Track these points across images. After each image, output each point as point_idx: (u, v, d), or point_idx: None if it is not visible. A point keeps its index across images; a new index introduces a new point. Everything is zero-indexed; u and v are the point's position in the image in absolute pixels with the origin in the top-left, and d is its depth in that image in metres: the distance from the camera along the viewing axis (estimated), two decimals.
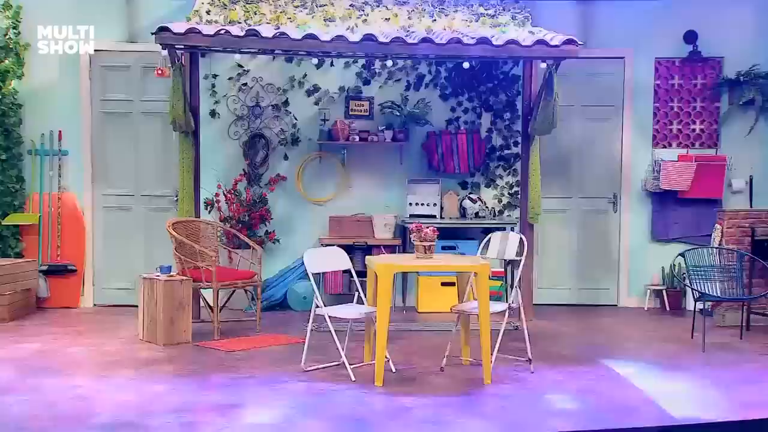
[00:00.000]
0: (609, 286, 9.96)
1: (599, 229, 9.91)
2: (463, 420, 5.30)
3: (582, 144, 9.86)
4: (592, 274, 9.91)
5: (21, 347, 7.34)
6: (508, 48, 7.57)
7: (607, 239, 9.91)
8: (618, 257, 9.91)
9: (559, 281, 9.90)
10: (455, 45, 7.52)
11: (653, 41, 9.81)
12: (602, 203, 9.91)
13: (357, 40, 7.53)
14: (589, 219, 9.91)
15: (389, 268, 6.12)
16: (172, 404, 5.55)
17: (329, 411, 5.46)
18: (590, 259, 9.91)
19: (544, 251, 9.87)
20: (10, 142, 9.38)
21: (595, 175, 9.89)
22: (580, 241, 9.91)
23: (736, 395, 5.97)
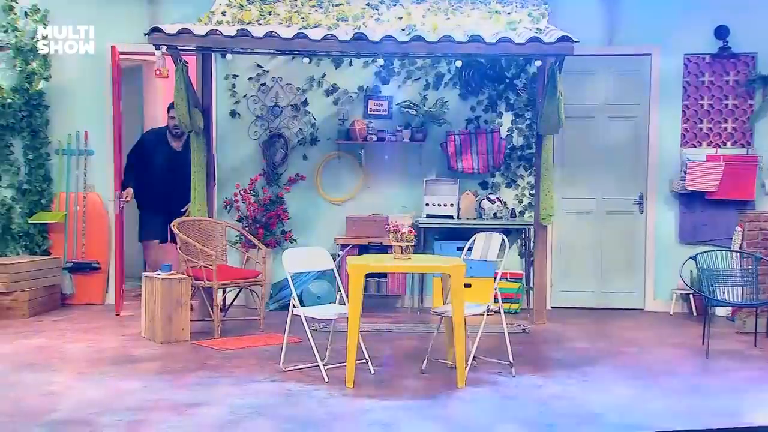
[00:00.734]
0: (635, 289, 9.67)
1: (624, 230, 9.64)
2: (415, 423, 5.23)
3: (606, 143, 9.59)
4: (617, 277, 9.64)
5: (25, 342, 7.53)
6: (501, 46, 7.42)
7: (632, 241, 9.63)
8: (644, 260, 9.61)
9: (582, 284, 9.66)
10: (447, 43, 7.41)
11: (682, 37, 9.48)
12: (628, 204, 9.63)
13: (348, 39, 7.46)
14: (613, 220, 9.64)
15: (360, 268, 6.06)
16: (133, 402, 5.61)
17: (284, 411, 5.43)
18: (615, 262, 9.64)
19: (566, 253, 9.65)
20: (37, 143, 9.63)
21: (620, 176, 9.62)
22: (605, 243, 9.65)
23: (702, 403, 5.73)
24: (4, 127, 9.49)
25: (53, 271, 9.36)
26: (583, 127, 9.56)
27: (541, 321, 8.67)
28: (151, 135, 9.30)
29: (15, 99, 9.53)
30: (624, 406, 5.68)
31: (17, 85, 9.57)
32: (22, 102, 9.56)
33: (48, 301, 9.26)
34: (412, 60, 9.50)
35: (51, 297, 9.34)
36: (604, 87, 9.55)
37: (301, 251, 6.86)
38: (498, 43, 7.38)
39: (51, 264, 9.34)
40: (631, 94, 9.55)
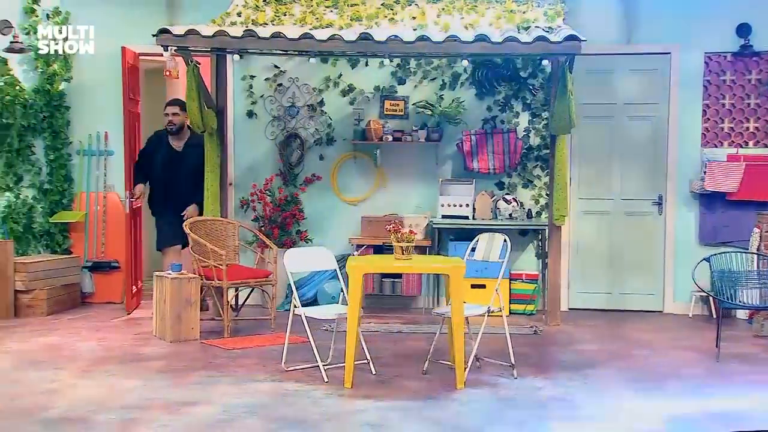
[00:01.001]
0: (654, 291, 9.55)
1: (643, 231, 9.51)
2: (406, 424, 5.21)
3: (625, 143, 9.48)
4: (635, 278, 9.52)
5: (37, 340, 7.62)
6: (507, 45, 7.36)
7: (651, 243, 9.50)
8: (663, 262, 9.48)
9: (600, 286, 9.55)
10: (452, 43, 7.37)
11: (702, 35, 9.35)
12: (646, 205, 9.51)
13: (353, 39, 7.45)
14: (632, 221, 9.52)
15: (358, 269, 6.05)
16: (130, 400, 5.65)
17: (277, 411, 5.43)
18: (634, 264, 9.52)
19: (584, 254, 9.56)
20: (58, 143, 9.75)
21: (639, 176, 9.50)
22: (623, 244, 9.54)
23: (700, 407, 5.63)
24: (25, 128, 9.62)
25: (72, 270, 9.48)
26: (601, 126, 9.46)
27: (555, 322, 8.60)
28: (154, 136, 9.23)
29: (37, 100, 9.66)
30: (621, 408, 5.61)
31: (39, 86, 9.69)
32: (44, 103, 9.69)
33: (67, 299, 9.37)
34: (428, 60, 9.47)
35: (70, 295, 9.45)
36: (623, 86, 9.43)
37: (303, 251, 6.88)
38: (504, 43, 7.33)
39: (70, 263, 9.46)
40: (651, 93, 9.42)
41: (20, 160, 9.62)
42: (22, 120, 9.58)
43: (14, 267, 8.89)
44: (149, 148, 9.15)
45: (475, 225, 9.16)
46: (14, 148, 9.58)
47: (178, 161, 8.92)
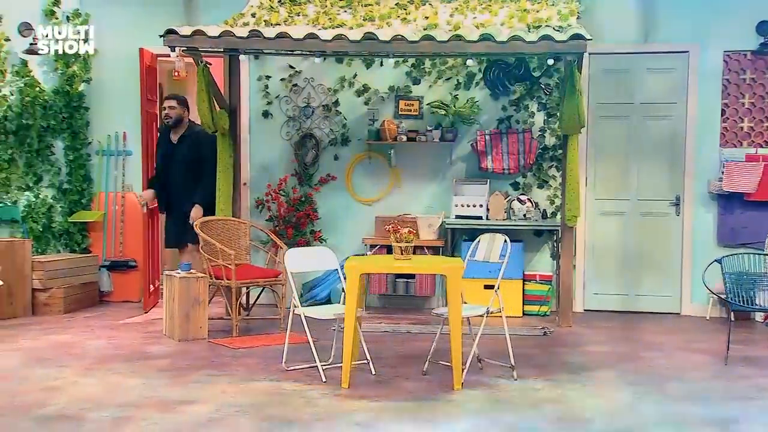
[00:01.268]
0: (671, 293, 9.43)
1: (661, 232, 9.39)
2: (394, 425, 5.19)
3: (642, 143, 9.37)
4: (652, 280, 9.40)
5: (49, 338, 7.73)
6: (511, 45, 7.30)
7: (669, 244, 9.38)
8: (681, 263, 9.35)
9: (617, 287, 9.45)
10: (457, 42, 7.33)
11: (722, 34, 9.21)
12: (663, 205, 9.39)
13: (358, 39, 7.44)
14: (649, 222, 9.41)
15: (355, 269, 6.04)
16: (126, 399, 5.70)
17: (269, 411, 5.45)
18: (651, 265, 9.41)
19: (600, 255, 9.47)
20: (77, 143, 9.88)
21: (656, 176, 9.38)
22: (640, 245, 9.42)
23: (697, 411, 5.54)
24: (45, 129, 9.76)
25: (90, 268, 9.59)
26: (618, 126, 9.37)
27: (567, 324, 8.53)
28: (161, 132, 9.14)
29: (56, 101, 9.78)
30: (616, 411, 5.55)
31: (58, 87, 9.81)
32: (63, 104, 9.82)
33: (85, 298, 9.48)
34: (443, 60, 9.44)
35: (88, 294, 9.57)
36: (641, 86, 9.32)
37: (304, 251, 6.89)
38: (509, 42, 7.27)
39: (88, 262, 9.57)
40: (669, 92, 9.30)
41: (40, 160, 9.76)
42: (42, 121, 9.71)
43: (32, 266, 8.99)
44: (158, 145, 9.13)
45: (488, 225, 9.10)
46: (34, 149, 9.70)
47: (173, 153, 8.79)
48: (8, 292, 8.75)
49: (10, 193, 9.50)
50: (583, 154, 9.41)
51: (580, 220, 9.40)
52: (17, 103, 9.50)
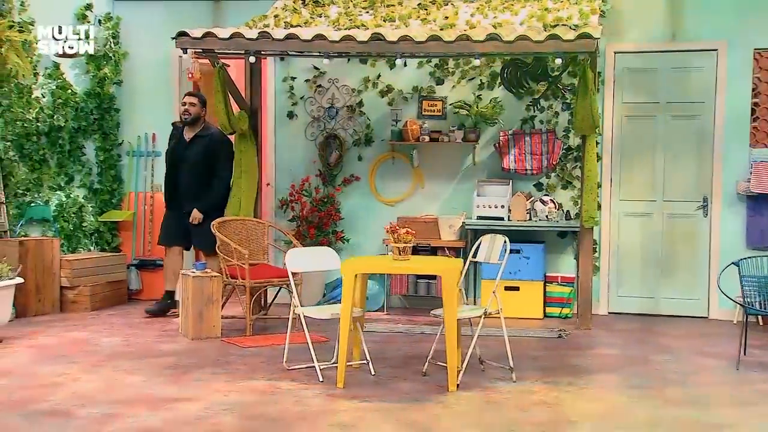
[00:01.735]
0: (699, 296, 9.25)
1: (688, 234, 9.20)
2: (376, 425, 5.20)
3: (669, 143, 9.20)
4: (679, 283, 9.22)
5: (67, 335, 7.90)
6: (519, 44, 7.23)
7: (696, 246, 9.19)
8: (708, 266, 9.16)
9: (642, 290, 9.28)
10: (464, 42, 7.29)
11: (751, 31, 9.00)
12: (691, 207, 9.20)
13: (365, 40, 7.45)
14: (676, 224, 9.23)
15: (351, 269, 6.06)
16: (122, 395, 5.80)
17: (257, 410, 5.49)
18: (677, 267, 9.23)
19: (625, 257, 9.33)
20: (107, 144, 10.08)
21: (682, 177, 9.20)
22: (666, 247, 9.25)
23: (690, 416, 5.43)
24: (76, 130, 9.95)
25: (118, 267, 9.77)
26: (644, 126, 9.22)
27: (586, 326, 8.43)
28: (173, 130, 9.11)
29: (88, 103, 9.98)
30: (606, 414, 5.47)
31: (90, 89, 10.01)
32: (95, 105, 10.02)
33: (113, 296, 9.67)
34: (466, 60, 9.40)
35: (116, 292, 9.75)
36: (668, 85, 9.15)
37: (305, 251, 6.92)
38: (515, 42, 7.21)
39: (116, 260, 9.75)
40: (696, 91, 9.11)
41: (71, 160, 9.95)
42: (74, 122, 9.90)
43: (60, 264, 9.20)
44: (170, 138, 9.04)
45: (508, 226, 9.04)
46: (66, 150, 9.90)
47: (185, 152, 8.78)
48: (36, 290, 8.96)
49: (41, 192, 9.71)
50: (608, 155, 9.30)
51: (604, 222, 9.32)
52: (49, 105, 9.70)
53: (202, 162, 8.78)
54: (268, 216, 9.87)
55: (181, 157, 8.85)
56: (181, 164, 8.83)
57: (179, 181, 8.82)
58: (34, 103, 9.66)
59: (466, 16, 8.53)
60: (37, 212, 9.70)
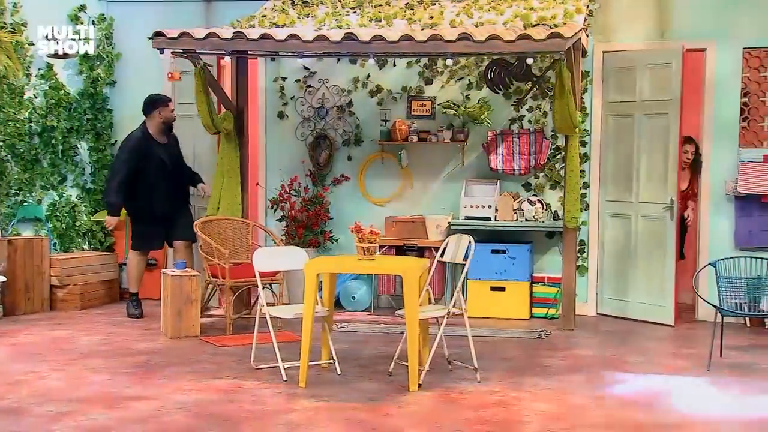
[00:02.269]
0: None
1: (660, 236, 9.05)
2: (324, 424, 5.24)
3: (656, 143, 9.08)
4: (666, 285, 9.10)
5: (48, 333, 7.99)
6: (490, 44, 7.19)
7: (666, 248, 9.01)
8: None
9: (630, 291, 9.15)
10: (436, 42, 7.27)
11: (741, 30, 8.90)
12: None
13: (338, 40, 7.46)
14: (665, 224, 9.08)
15: (313, 268, 6.08)
16: (81, 394, 5.86)
17: (211, 408, 5.52)
18: (666, 268, 9.11)
19: (613, 258, 9.24)
20: (101, 145, 10.17)
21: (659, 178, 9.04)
22: (656, 248, 9.09)
23: (639, 417, 5.39)
24: (69, 130, 10.04)
25: (109, 266, 9.84)
26: (632, 125, 9.11)
27: (569, 327, 8.39)
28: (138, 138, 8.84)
29: (81, 103, 10.08)
30: (559, 415, 5.44)
31: (83, 89, 10.11)
32: (88, 106, 10.10)
33: (104, 294, 9.75)
34: (455, 59, 9.38)
35: (108, 291, 9.83)
36: (656, 83, 9.02)
37: (273, 250, 6.95)
38: (487, 41, 7.18)
39: (107, 260, 9.83)
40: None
41: (64, 160, 10.04)
42: (67, 122, 9.99)
43: (50, 262, 9.29)
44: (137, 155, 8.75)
45: (493, 226, 9.03)
46: (59, 150, 10.00)
47: (171, 156, 8.88)
48: (26, 289, 9.06)
49: (34, 192, 9.82)
50: (597, 155, 9.24)
51: (592, 222, 9.25)
52: (42, 106, 9.81)
53: (177, 161, 9.03)
54: (259, 216, 9.91)
55: (170, 162, 8.95)
56: (171, 169, 8.94)
57: (169, 187, 8.89)
58: (27, 104, 9.77)
59: (452, 16, 8.51)
60: (29, 211, 9.82)
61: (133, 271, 8.94)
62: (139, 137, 8.78)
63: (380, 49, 7.49)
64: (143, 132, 8.86)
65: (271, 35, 7.65)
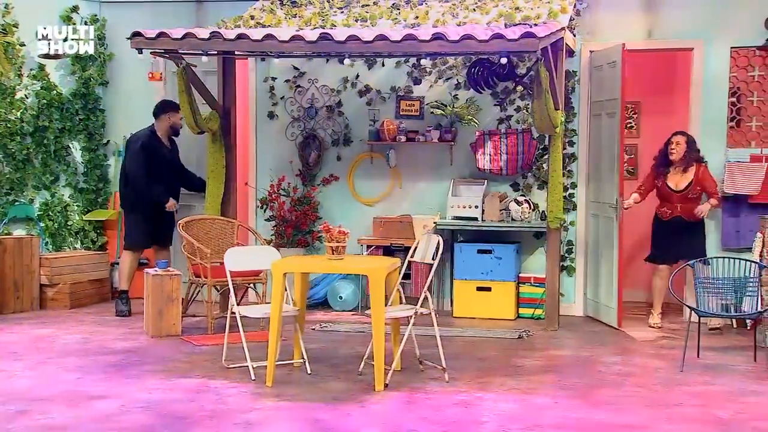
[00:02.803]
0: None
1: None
2: (280, 424, 5.28)
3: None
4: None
5: (31, 332, 8.06)
6: (463, 43, 7.16)
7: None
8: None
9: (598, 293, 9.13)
10: (410, 42, 7.25)
11: (729, 29, 8.84)
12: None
13: (314, 40, 7.46)
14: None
15: (279, 268, 6.10)
16: (47, 392, 5.89)
17: (173, 407, 5.55)
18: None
19: (600, 259, 9.19)
20: (93, 144, 10.24)
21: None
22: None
23: (597, 418, 5.35)
24: (61, 130, 10.12)
25: (100, 265, 9.90)
26: (615, 124, 9.04)
27: (552, 327, 8.37)
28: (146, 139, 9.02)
29: (73, 103, 10.15)
30: (518, 416, 5.41)
31: (75, 90, 10.17)
32: (80, 106, 10.17)
33: (95, 294, 9.81)
34: (443, 59, 9.38)
35: (99, 290, 9.89)
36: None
37: (244, 249, 6.98)
38: (460, 41, 7.15)
39: (98, 259, 9.90)
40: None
41: (56, 160, 10.12)
42: (59, 123, 10.06)
43: (39, 262, 9.37)
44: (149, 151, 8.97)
45: (480, 227, 9.02)
46: (51, 149, 10.07)
47: (173, 158, 9.22)
48: (15, 287, 9.14)
49: (25, 192, 9.91)
50: (584, 155, 9.21)
51: (580, 222, 9.22)
52: (34, 106, 9.89)
53: (174, 167, 9.27)
54: (250, 216, 9.96)
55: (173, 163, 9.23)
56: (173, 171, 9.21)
57: (169, 186, 9.07)
58: (18, 105, 9.85)
59: (438, 16, 8.51)
60: (20, 211, 9.91)
61: (125, 269, 9.05)
62: (148, 135, 9.04)
63: (355, 49, 7.48)
64: (151, 131, 9.10)
65: (247, 35, 7.66)
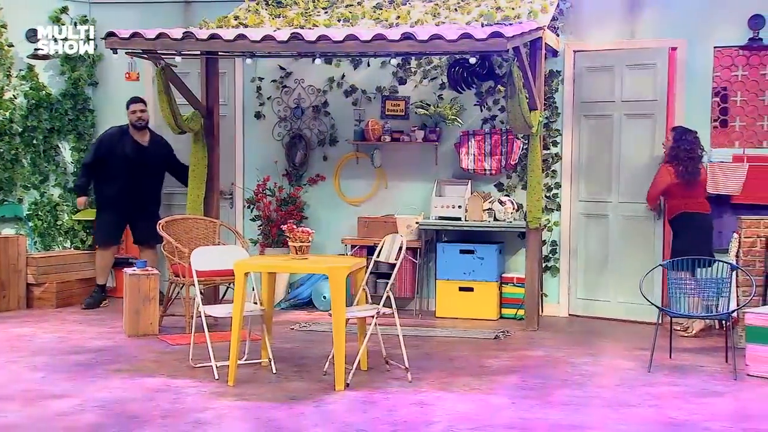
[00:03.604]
0: (657, 300, 9.01)
1: (645, 236, 8.94)
2: (231, 423, 5.28)
3: (627, 143, 8.99)
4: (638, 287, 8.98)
5: (11, 331, 8.12)
6: (433, 43, 7.16)
7: (654, 248, 8.91)
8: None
9: (601, 293, 9.08)
10: (379, 42, 7.26)
11: (712, 29, 8.79)
12: (646, 209, 8.89)
13: (285, 40, 7.48)
14: (633, 225, 8.98)
15: (241, 267, 6.13)
16: (6, 392, 5.92)
17: (129, 407, 5.57)
18: (637, 271, 8.96)
19: (584, 259, 9.17)
20: (82, 145, 10.32)
21: (640, 177, 8.91)
22: (625, 249, 9.00)
23: (552, 417, 5.33)
24: (50, 130, 10.20)
25: (88, 265, 9.96)
26: (602, 125, 9.03)
27: (532, 328, 8.35)
28: (114, 132, 9.40)
29: (63, 104, 10.22)
30: (471, 416, 5.39)
31: (65, 90, 10.25)
32: (69, 106, 10.25)
33: (84, 293, 9.85)
34: (428, 59, 9.38)
35: (86, 289, 9.91)
36: (626, 83, 8.93)
37: (211, 249, 7.00)
38: (429, 41, 7.15)
39: (85, 258, 9.96)
40: (656, 90, 8.85)
41: (46, 160, 10.20)
42: (48, 123, 10.14)
43: (26, 261, 9.44)
44: (106, 145, 9.31)
45: (462, 227, 9.02)
46: (40, 149, 10.16)
47: (145, 156, 9.24)
48: (1, 286, 9.22)
49: (14, 191, 10.00)
50: (568, 155, 9.19)
51: (564, 223, 9.20)
52: (23, 106, 9.97)
53: (161, 165, 9.35)
54: (237, 216, 10.00)
55: (143, 162, 9.23)
56: (140, 168, 9.21)
57: (132, 183, 9.16)
58: (7, 105, 9.94)
59: (420, 16, 8.51)
60: (8, 210, 10.00)
61: (99, 262, 9.34)
62: (114, 131, 9.34)
63: (326, 48, 7.50)
64: (121, 127, 9.35)
65: (220, 36, 7.69)
